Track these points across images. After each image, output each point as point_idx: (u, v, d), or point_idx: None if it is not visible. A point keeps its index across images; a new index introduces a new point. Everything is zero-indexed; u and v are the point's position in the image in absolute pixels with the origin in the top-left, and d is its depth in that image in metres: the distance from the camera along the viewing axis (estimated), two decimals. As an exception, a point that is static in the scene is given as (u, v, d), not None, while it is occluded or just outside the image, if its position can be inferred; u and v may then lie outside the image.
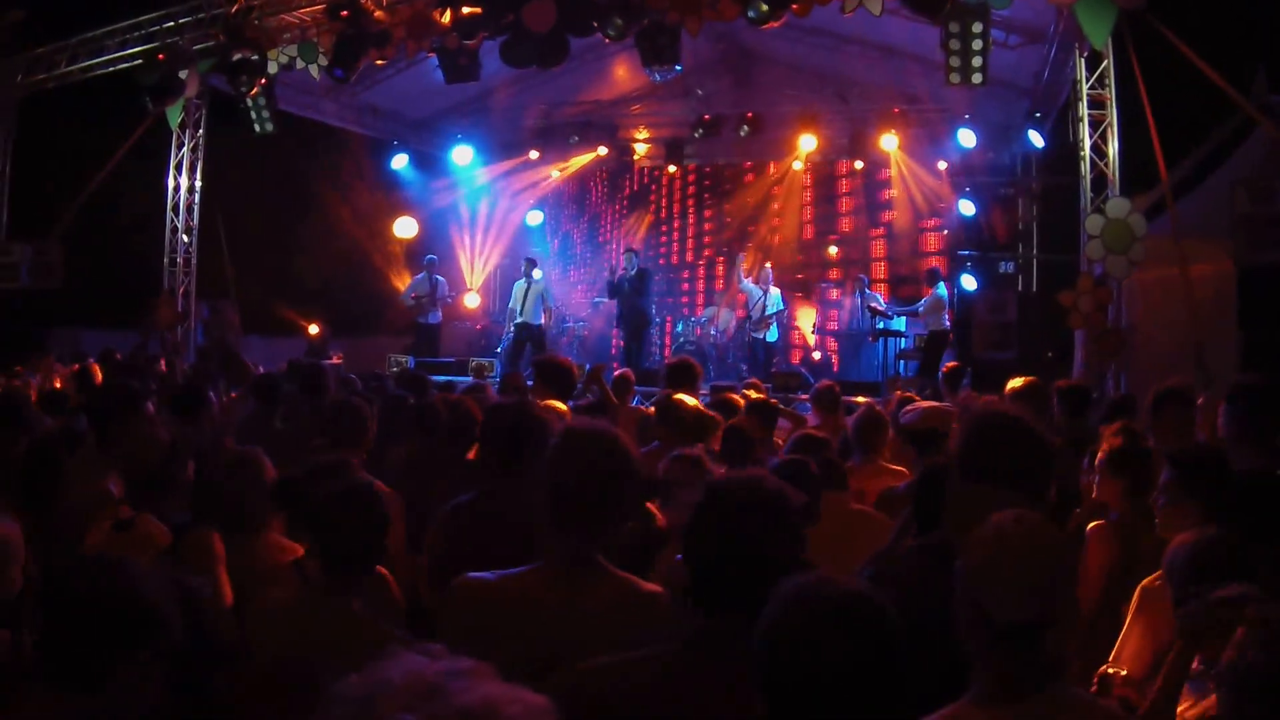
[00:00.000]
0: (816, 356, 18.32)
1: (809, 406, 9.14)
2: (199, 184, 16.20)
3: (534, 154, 19.65)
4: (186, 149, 16.09)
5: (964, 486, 3.06)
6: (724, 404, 7.06)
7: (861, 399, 10.73)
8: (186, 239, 16.27)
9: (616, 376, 9.34)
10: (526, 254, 17.64)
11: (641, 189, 21.19)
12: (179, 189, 16.16)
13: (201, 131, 16.11)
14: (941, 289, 15.24)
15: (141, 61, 14.39)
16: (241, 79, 13.93)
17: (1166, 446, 4.57)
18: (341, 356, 16.09)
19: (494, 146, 19.87)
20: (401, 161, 19.08)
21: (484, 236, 20.69)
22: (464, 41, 13.01)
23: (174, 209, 16.20)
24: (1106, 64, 11.78)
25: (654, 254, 20.54)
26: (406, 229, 19.43)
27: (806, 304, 19.01)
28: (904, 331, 16.14)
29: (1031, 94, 15.09)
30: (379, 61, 14.22)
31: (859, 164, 18.56)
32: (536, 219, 21.34)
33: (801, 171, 19.00)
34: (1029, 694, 2.31)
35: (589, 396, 8.40)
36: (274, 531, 4.25)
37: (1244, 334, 11.81)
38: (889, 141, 17.02)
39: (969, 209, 17.31)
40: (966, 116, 16.32)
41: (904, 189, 17.97)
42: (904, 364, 15.77)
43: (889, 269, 18.64)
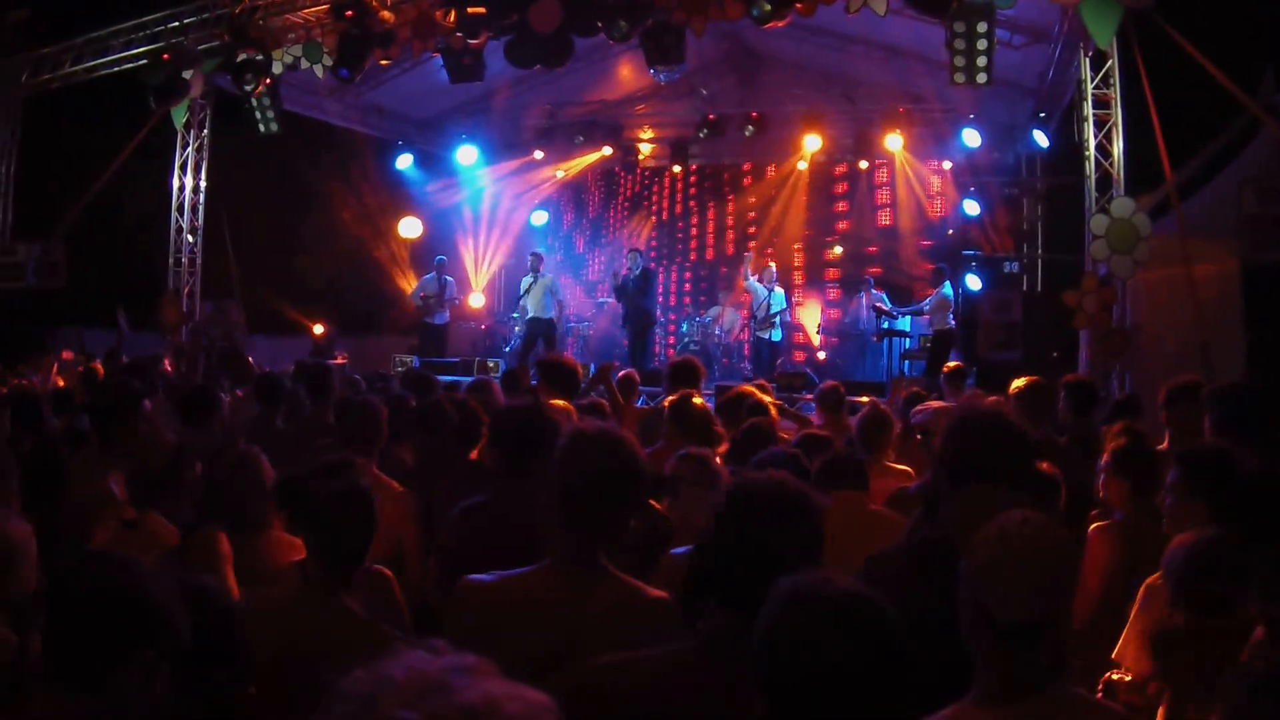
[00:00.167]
0: (821, 356, 18.30)
1: (814, 406, 9.13)
2: (204, 184, 16.20)
3: (538, 154, 19.65)
4: (191, 149, 16.10)
5: (951, 487, 3.06)
6: (734, 401, 7.00)
7: (865, 399, 10.71)
8: (191, 239, 16.29)
9: (622, 376, 9.32)
10: (531, 251, 17.63)
11: (646, 189, 21.16)
12: (184, 189, 16.18)
13: (206, 131, 16.11)
14: (947, 288, 15.22)
15: (146, 61, 14.39)
16: (246, 79, 13.93)
17: (1179, 443, 4.57)
18: (346, 357, 16.09)
19: (498, 146, 19.87)
20: (406, 161, 19.09)
21: (488, 237, 20.68)
22: (468, 41, 13.02)
23: (179, 209, 16.22)
24: (1111, 63, 11.76)
25: (657, 254, 20.51)
26: (411, 229, 19.44)
27: (811, 303, 19.00)
28: (908, 331, 16.13)
29: (1036, 94, 15.09)
30: (384, 61, 14.22)
31: (863, 164, 18.55)
32: (541, 219, 21.33)
33: (806, 171, 18.99)
34: (1031, 694, 2.31)
35: (593, 395, 8.38)
36: (278, 531, 4.25)
37: (1249, 334, 11.78)
38: (893, 141, 17.01)
39: (974, 209, 17.29)
40: (971, 116, 16.31)
41: (908, 189, 17.96)
42: (908, 364, 15.76)
43: (893, 269, 18.59)
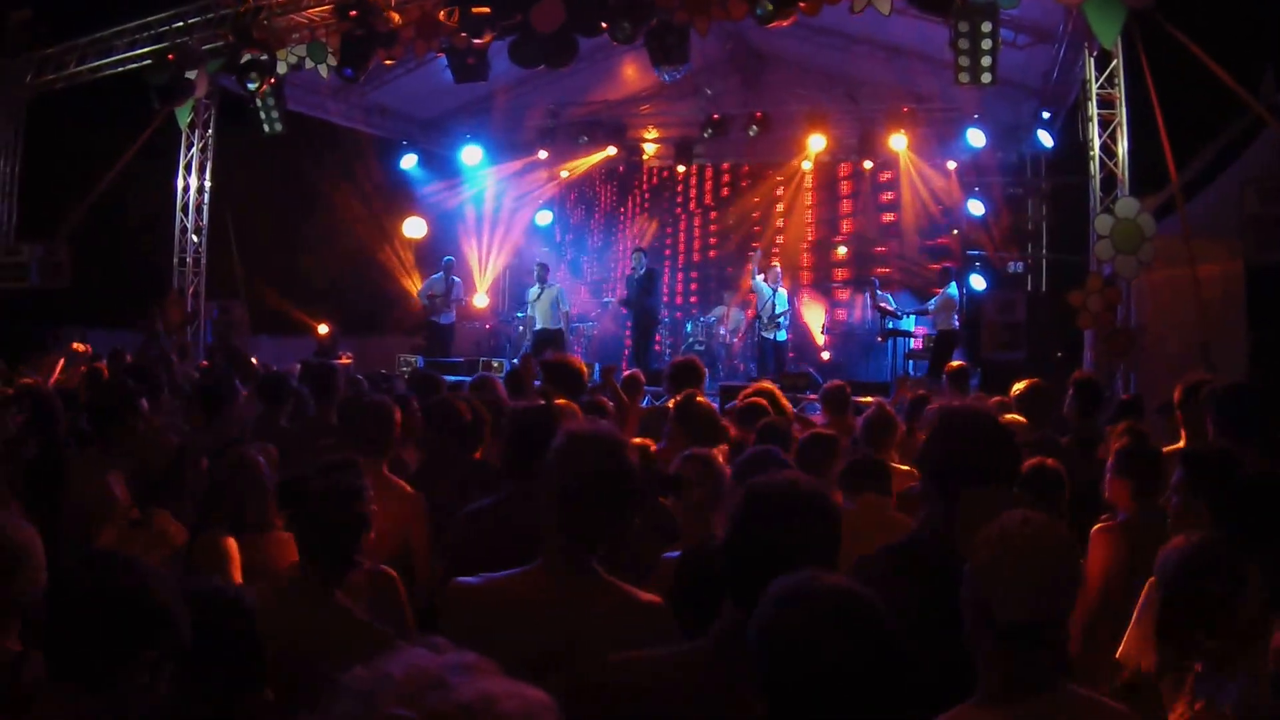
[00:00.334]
0: (825, 357, 18.29)
1: (818, 407, 9.11)
2: (208, 184, 16.19)
3: (543, 154, 19.61)
4: (196, 149, 16.10)
5: (935, 489, 3.06)
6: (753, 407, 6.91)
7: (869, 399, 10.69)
8: (196, 239, 16.29)
9: (627, 376, 9.33)
10: (536, 256, 17.65)
11: (650, 189, 21.14)
12: (188, 189, 16.18)
13: (211, 132, 16.11)
14: (953, 289, 15.22)
15: (150, 62, 14.38)
16: (250, 79, 13.93)
17: (1194, 443, 4.56)
18: (351, 357, 16.09)
19: (503, 146, 19.85)
20: (410, 161, 19.08)
21: (493, 236, 20.68)
22: (473, 41, 13.02)
23: (183, 209, 16.22)
24: (1116, 63, 11.74)
25: (662, 254, 20.50)
26: (415, 229, 19.44)
27: (815, 304, 18.98)
28: (912, 331, 16.12)
29: (1041, 94, 15.06)
30: (388, 61, 14.23)
31: (868, 163, 18.53)
32: (546, 219, 21.32)
33: (810, 171, 18.98)
34: (1033, 694, 2.31)
35: (598, 395, 8.37)
36: (280, 531, 4.25)
37: (1252, 334, 11.78)
38: (898, 141, 16.97)
39: (978, 209, 17.28)
40: (975, 116, 16.28)
41: (912, 189, 17.94)
42: (912, 364, 15.76)
43: (907, 271, 18.55)
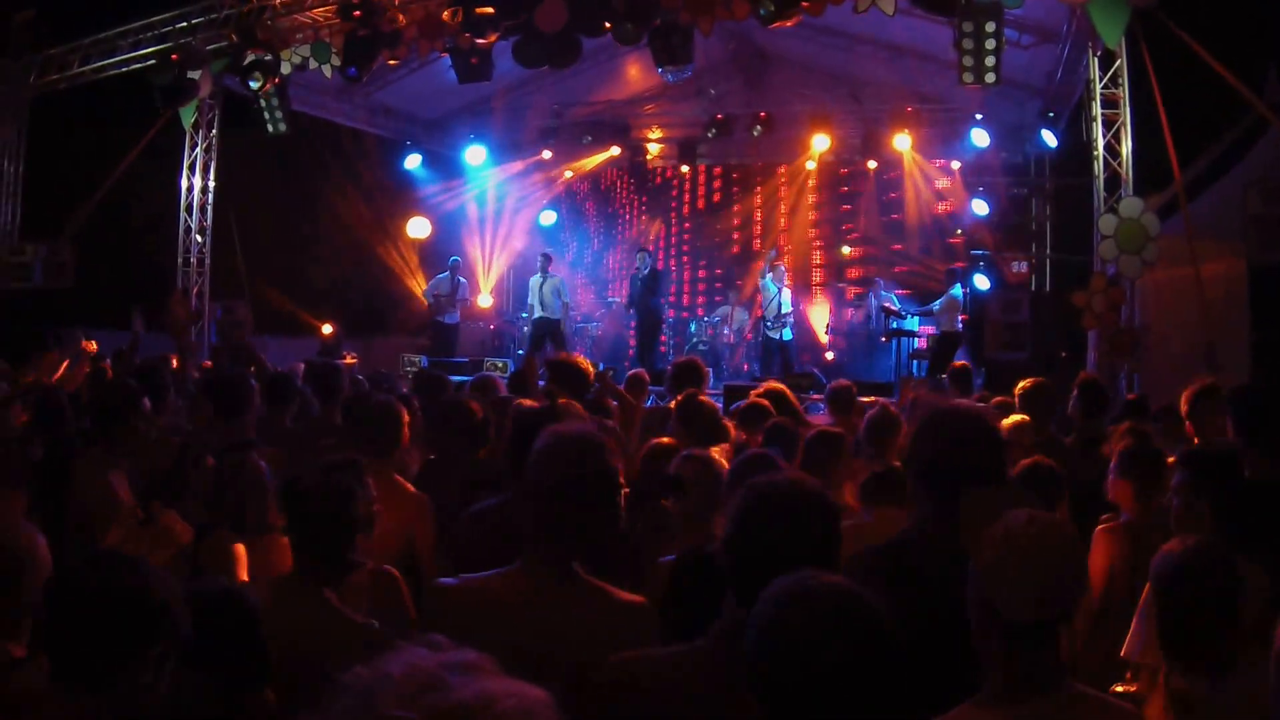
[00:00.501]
0: (829, 357, 18.28)
1: (823, 407, 9.10)
2: (212, 184, 16.20)
3: (546, 154, 19.60)
4: (199, 149, 16.10)
5: (923, 488, 3.05)
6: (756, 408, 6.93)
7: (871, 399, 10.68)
8: (200, 239, 16.29)
9: (631, 376, 9.33)
10: (541, 252, 17.62)
11: (654, 189, 21.16)
12: (192, 189, 16.18)
13: (215, 132, 16.11)
14: (958, 290, 15.19)
15: (154, 62, 14.38)
16: (254, 79, 13.94)
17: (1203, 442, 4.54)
18: (356, 357, 16.09)
19: (506, 146, 19.82)
20: (414, 161, 19.06)
21: (496, 237, 20.67)
22: (476, 41, 13.02)
23: (187, 209, 16.23)
24: (1120, 63, 11.72)
25: (665, 254, 20.50)
26: (419, 229, 19.44)
27: (820, 304, 18.98)
28: (917, 331, 16.11)
29: (1044, 94, 15.06)
30: (391, 61, 14.23)
31: (872, 164, 18.51)
32: (550, 219, 21.30)
33: (814, 171, 18.97)
34: (1038, 693, 2.31)
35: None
36: (282, 535, 4.25)
37: (1255, 334, 11.78)
38: (902, 141, 16.96)
39: (982, 209, 17.27)
40: (979, 116, 16.28)
41: (916, 189, 17.93)
42: (917, 364, 15.74)
43: (915, 272, 18.53)
